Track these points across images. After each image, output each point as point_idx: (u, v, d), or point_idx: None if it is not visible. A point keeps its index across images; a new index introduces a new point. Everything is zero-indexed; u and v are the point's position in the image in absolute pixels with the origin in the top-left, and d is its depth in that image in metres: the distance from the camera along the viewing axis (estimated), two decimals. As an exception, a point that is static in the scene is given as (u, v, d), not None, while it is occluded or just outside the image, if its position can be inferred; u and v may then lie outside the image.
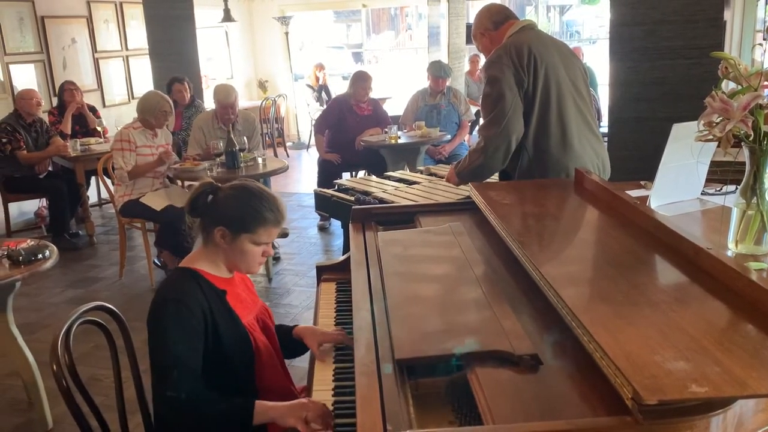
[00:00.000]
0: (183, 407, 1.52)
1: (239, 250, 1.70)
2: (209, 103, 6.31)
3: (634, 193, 2.30)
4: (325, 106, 7.25)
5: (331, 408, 1.48)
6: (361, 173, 5.99)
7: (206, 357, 1.63)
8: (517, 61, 2.53)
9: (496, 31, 2.71)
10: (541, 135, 2.58)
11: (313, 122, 8.15)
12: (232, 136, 4.41)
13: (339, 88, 9.11)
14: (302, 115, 10.09)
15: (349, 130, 5.60)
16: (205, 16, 8.24)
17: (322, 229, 5.67)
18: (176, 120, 5.58)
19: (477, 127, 8.17)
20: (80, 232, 5.70)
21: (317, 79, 9.18)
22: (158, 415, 1.72)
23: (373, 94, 5.91)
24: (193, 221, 1.74)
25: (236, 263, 1.75)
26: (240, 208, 1.69)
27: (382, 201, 3.17)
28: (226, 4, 8.15)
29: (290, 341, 1.87)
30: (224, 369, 1.66)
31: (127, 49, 7.57)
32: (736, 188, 1.72)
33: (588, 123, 2.69)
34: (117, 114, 7.22)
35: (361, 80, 5.62)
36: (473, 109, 6.23)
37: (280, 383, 1.79)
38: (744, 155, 1.65)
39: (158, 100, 4.44)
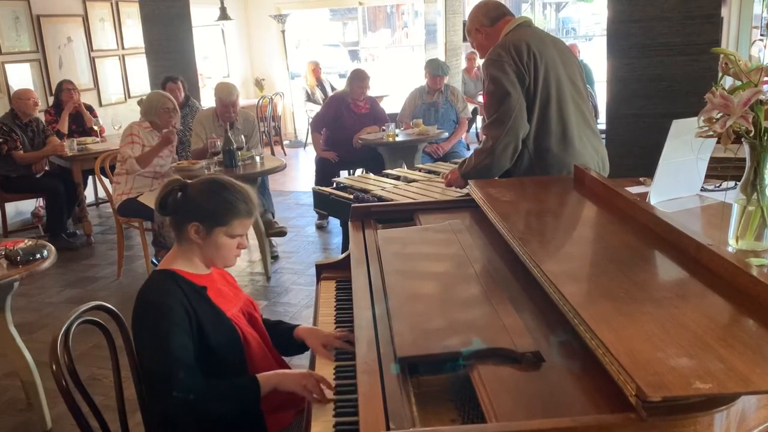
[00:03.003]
0: (193, 406, 1.53)
1: (214, 245, 1.70)
2: (206, 102, 6.31)
3: (634, 189, 2.30)
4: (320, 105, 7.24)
5: (332, 407, 1.47)
6: (359, 171, 5.98)
7: (196, 355, 1.62)
8: (518, 58, 2.51)
9: (492, 28, 2.70)
10: (542, 133, 2.57)
11: (310, 120, 8.15)
12: (229, 134, 4.41)
13: (336, 86, 9.10)
14: (299, 113, 10.08)
15: (347, 128, 5.59)
16: (201, 15, 8.22)
17: (320, 227, 5.66)
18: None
19: (474, 125, 8.20)
20: (78, 231, 5.68)
21: (317, 81, 9.14)
22: (157, 414, 1.71)
23: (370, 92, 5.90)
24: (164, 220, 1.74)
25: (212, 258, 1.74)
26: (212, 202, 1.68)
27: (380, 199, 3.17)
28: (222, 3, 8.12)
29: (290, 341, 1.86)
30: (215, 364, 1.66)
31: (123, 48, 7.55)
32: (736, 184, 1.72)
33: (587, 120, 2.68)
34: (113, 113, 7.20)
35: (358, 79, 5.61)
36: (470, 107, 6.23)
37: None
38: (744, 151, 1.65)
39: (159, 99, 4.43)
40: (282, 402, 1.69)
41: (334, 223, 5.50)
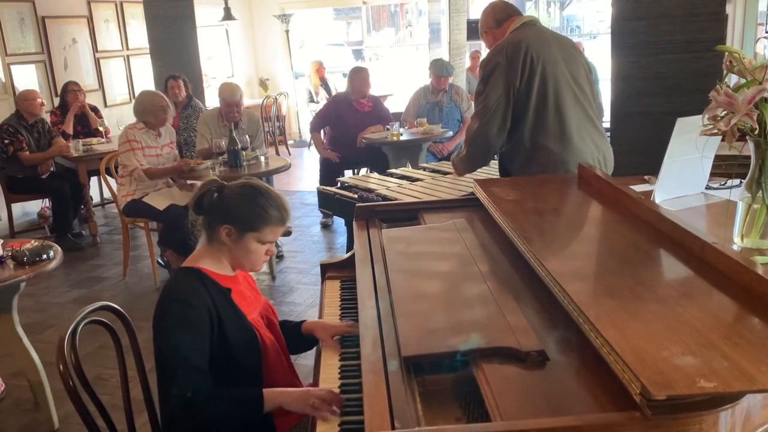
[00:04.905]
0: (191, 406, 1.53)
1: (244, 249, 1.71)
2: (210, 102, 6.32)
3: (638, 188, 2.30)
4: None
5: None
6: (363, 171, 5.98)
7: (213, 356, 1.63)
8: (512, 57, 2.58)
9: (499, 29, 2.78)
10: (538, 130, 2.62)
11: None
12: (234, 134, 4.42)
13: (340, 85, 9.09)
14: (303, 113, 10.09)
15: (350, 127, 5.59)
16: (206, 15, 8.23)
17: (325, 226, 5.67)
18: (174, 120, 5.56)
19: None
20: (83, 232, 5.70)
21: (320, 81, 9.14)
22: (166, 414, 1.72)
23: (374, 91, 5.89)
24: (196, 219, 1.75)
25: (240, 261, 1.75)
26: (247, 207, 1.69)
27: (385, 198, 3.17)
28: (226, 3, 8.14)
29: (298, 337, 1.87)
30: (232, 367, 1.67)
31: (127, 49, 7.57)
32: (741, 182, 1.71)
33: (589, 117, 2.70)
34: (119, 114, 7.22)
35: (358, 73, 5.62)
36: (475, 106, 6.22)
37: (287, 379, 1.80)
38: (749, 149, 1.64)
39: (151, 98, 4.43)
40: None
41: (339, 222, 5.51)
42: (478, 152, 2.72)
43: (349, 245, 3.48)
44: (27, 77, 6.26)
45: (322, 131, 5.82)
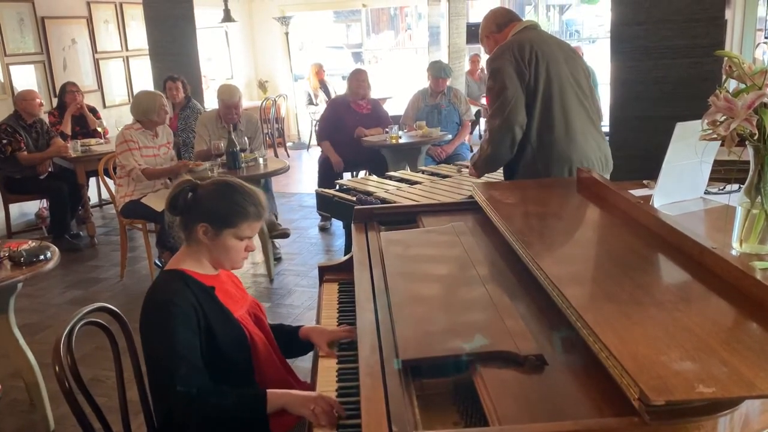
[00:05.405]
0: (195, 401, 1.52)
1: (222, 246, 1.71)
2: (209, 104, 6.32)
3: (637, 192, 2.29)
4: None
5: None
6: (362, 173, 5.98)
7: (203, 355, 1.63)
8: (519, 55, 2.61)
9: (500, 33, 2.81)
10: (544, 127, 2.65)
11: (314, 123, 8.14)
12: (232, 136, 4.41)
13: (339, 88, 9.10)
14: (302, 115, 10.09)
15: (349, 129, 5.58)
16: (205, 17, 8.23)
17: (323, 229, 5.66)
18: (172, 121, 5.57)
19: (478, 127, 8.21)
20: (81, 233, 5.69)
21: (320, 83, 9.14)
22: (161, 413, 1.71)
23: (374, 94, 5.89)
24: (174, 219, 1.75)
25: (220, 259, 1.74)
26: (222, 204, 1.69)
27: (383, 201, 3.17)
28: (226, 5, 8.14)
29: (294, 341, 1.86)
30: (222, 365, 1.66)
31: (127, 50, 7.56)
32: (740, 187, 1.71)
33: (591, 118, 2.74)
34: (117, 115, 7.21)
35: (357, 75, 5.63)
36: (473, 109, 6.22)
37: (278, 375, 1.79)
38: (748, 154, 1.64)
39: (153, 98, 4.43)
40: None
41: (337, 225, 5.50)
42: (503, 148, 2.65)
43: (348, 248, 3.47)
44: (26, 77, 6.25)
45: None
